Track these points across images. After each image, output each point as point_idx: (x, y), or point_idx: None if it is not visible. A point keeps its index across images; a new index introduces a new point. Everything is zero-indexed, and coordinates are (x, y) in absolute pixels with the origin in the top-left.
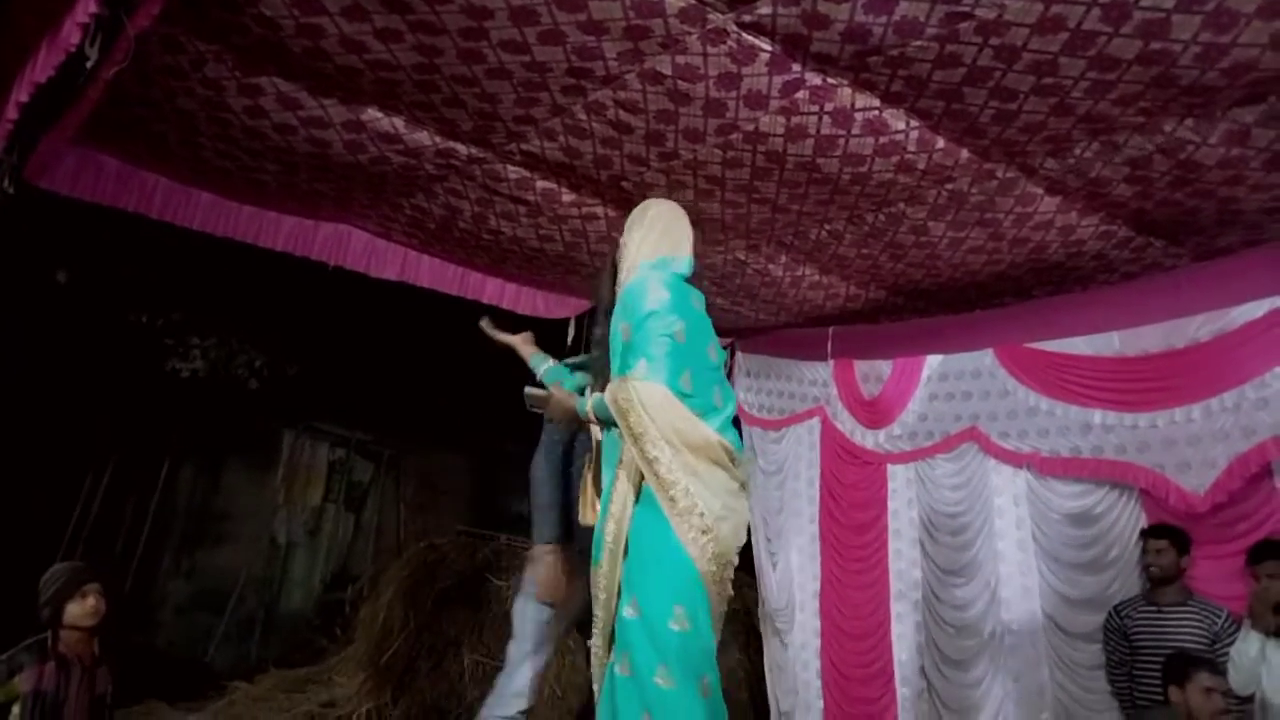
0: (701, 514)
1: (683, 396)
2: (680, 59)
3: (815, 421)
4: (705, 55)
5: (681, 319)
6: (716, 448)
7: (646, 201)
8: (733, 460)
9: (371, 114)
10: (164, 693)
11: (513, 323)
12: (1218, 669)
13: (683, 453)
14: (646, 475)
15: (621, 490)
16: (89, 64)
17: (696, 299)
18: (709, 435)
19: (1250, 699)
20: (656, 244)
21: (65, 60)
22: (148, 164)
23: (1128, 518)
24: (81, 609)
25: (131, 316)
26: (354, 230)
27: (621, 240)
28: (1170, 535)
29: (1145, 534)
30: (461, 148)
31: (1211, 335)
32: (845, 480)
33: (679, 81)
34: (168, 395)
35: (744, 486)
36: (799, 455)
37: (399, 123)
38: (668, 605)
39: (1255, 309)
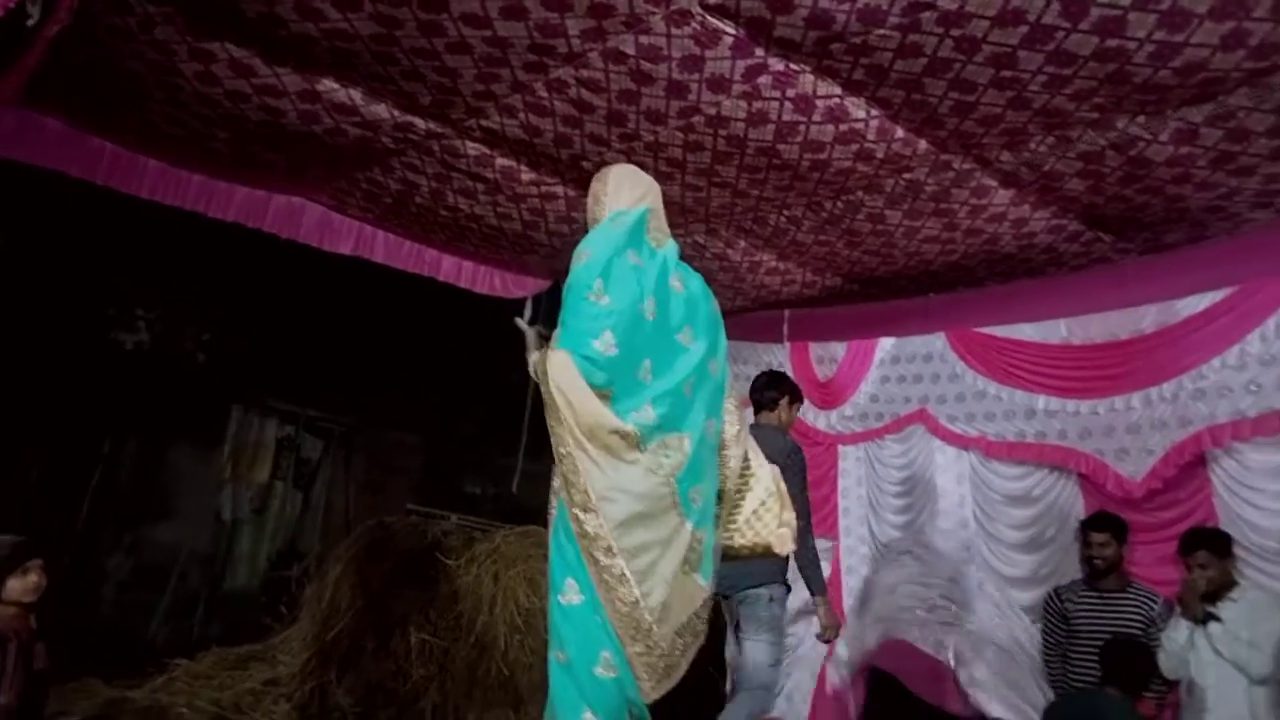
0: (585, 491)
1: (604, 365)
2: (644, 39)
3: None
4: (669, 36)
5: (600, 274)
6: (603, 432)
7: (605, 167)
8: (634, 445)
9: (327, 84)
10: (102, 670)
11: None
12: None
13: (579, 435)
14: (561, 467)
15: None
16: (30, 22)
17: (641, 253)
18: (598, 418)
19: (1177, 683)
20: (611, 202)
21: (4, 18)
22: (94, 128)
23: (1066, 499)
24: (23, 585)
25: (74, 285)
26: (308, 203)
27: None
28: (1111, 528)
29: (1086, 526)
30: (420, 122)
31: (1155, 327)
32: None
33: (642, 62)
34: (111, 367)
35: (655, 472)
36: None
37: (356, 94)
38: (560, 580)
39: (1198, 303)
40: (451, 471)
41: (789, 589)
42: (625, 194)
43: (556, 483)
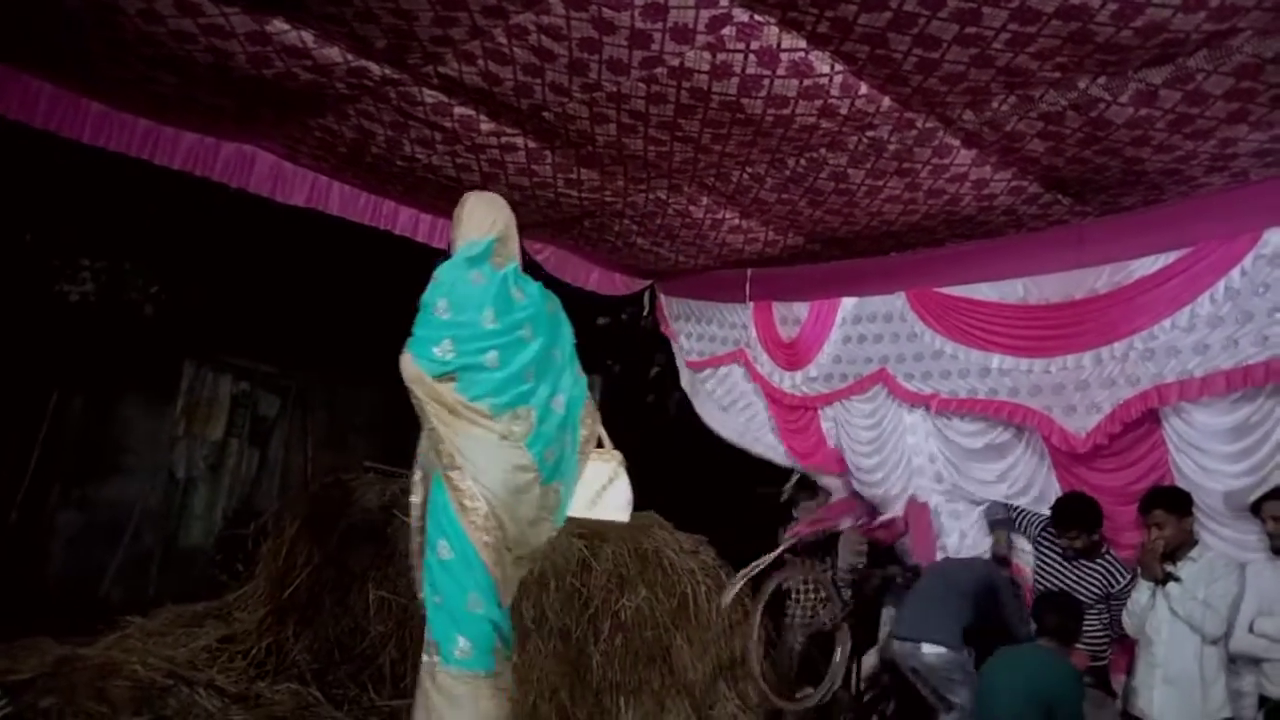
0: (451, 454)
1: (441, 363)
2: None
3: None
4: None
5: (444, 296)
6: (457, 405)
7: (467, 193)
8: (485, 415)
9: (277, 25)
10: (53, 628)
11: None
12: None
13: (440, 412)
14: (431, 440)
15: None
16: None
17: (484, 273)
18: (447, 396)
19: (1122, 638)
20: (465, 231)
21: None
22: (30, 68)
23: (1031, 453)
24: None
25: (14, 234)
26: (259, 151)
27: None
28: (1078, 523)
29: (1054, 517)
30: (375, 67)
31: (1109, 288)
32: (787, 423)
33: (604, 9)
34: (55, 319)
35: (508, 437)
36: (745, 391)
37: (307, 36)
38: (435, 540)
39: (1152, 264)
40: (411, 429)
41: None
42: (476, 223)
43: (422, 459)
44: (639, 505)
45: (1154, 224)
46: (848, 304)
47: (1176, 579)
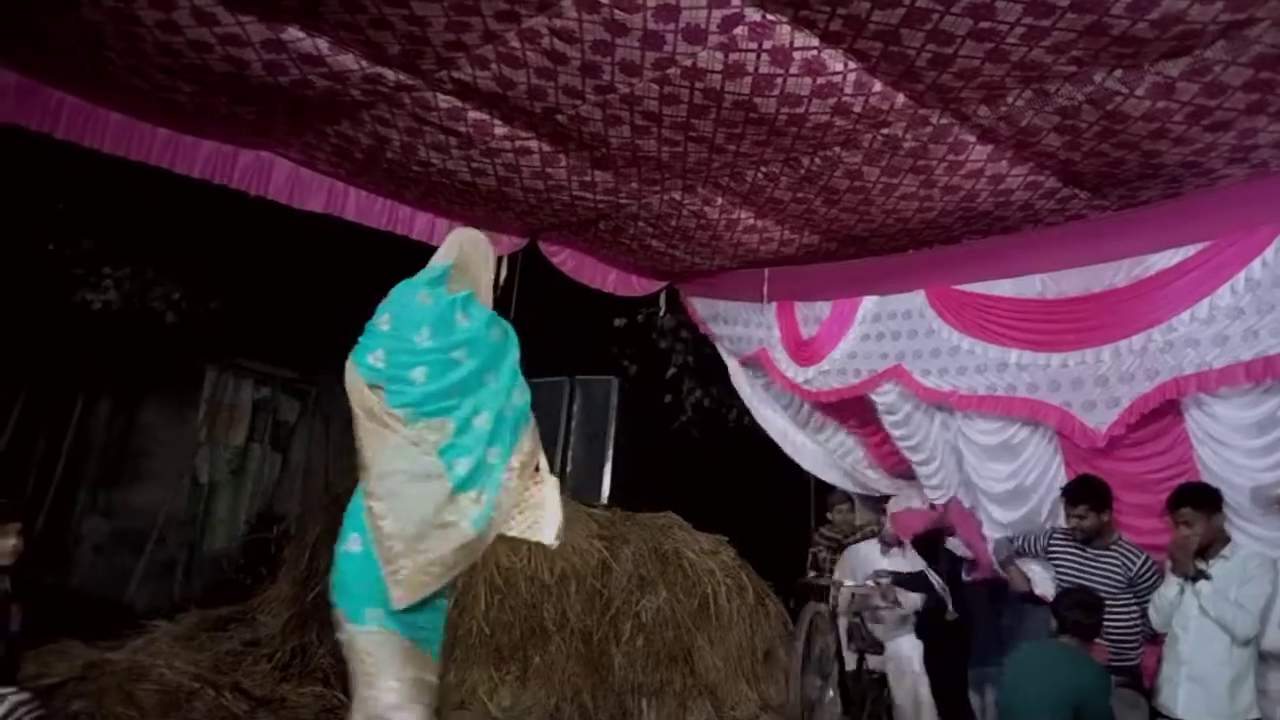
0: (364, 456)
1: (373, 370)
2: None
3: None
4: None
5: (388, 311)
6: (371, 407)
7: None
8: (400, 421)
9: (293, 33)
10: (80, 632)
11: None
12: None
13: (362, 416)
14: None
15: None
16: None
17: (432, 295)
18: (371, 402)
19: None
20: (437, 256)
21: None
22: (52, 80)
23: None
24: (1, 544)
25: (38, 243)
26: (276, 158)
27: None
28: (1087, 498)
29: (1065, 496)
30: (390, 73)
31: (1128, 281)
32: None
33: (616, 11)
34: (78, 328)
35: (418, 444)
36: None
37: (322, 44)
38: (347, 533)
39: (1171, 257)
40: None
41: None
42: (442, 251)
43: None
44: (659, 505)
45: (1174, 217)
46: (868, 303)
47: (1207, 576)
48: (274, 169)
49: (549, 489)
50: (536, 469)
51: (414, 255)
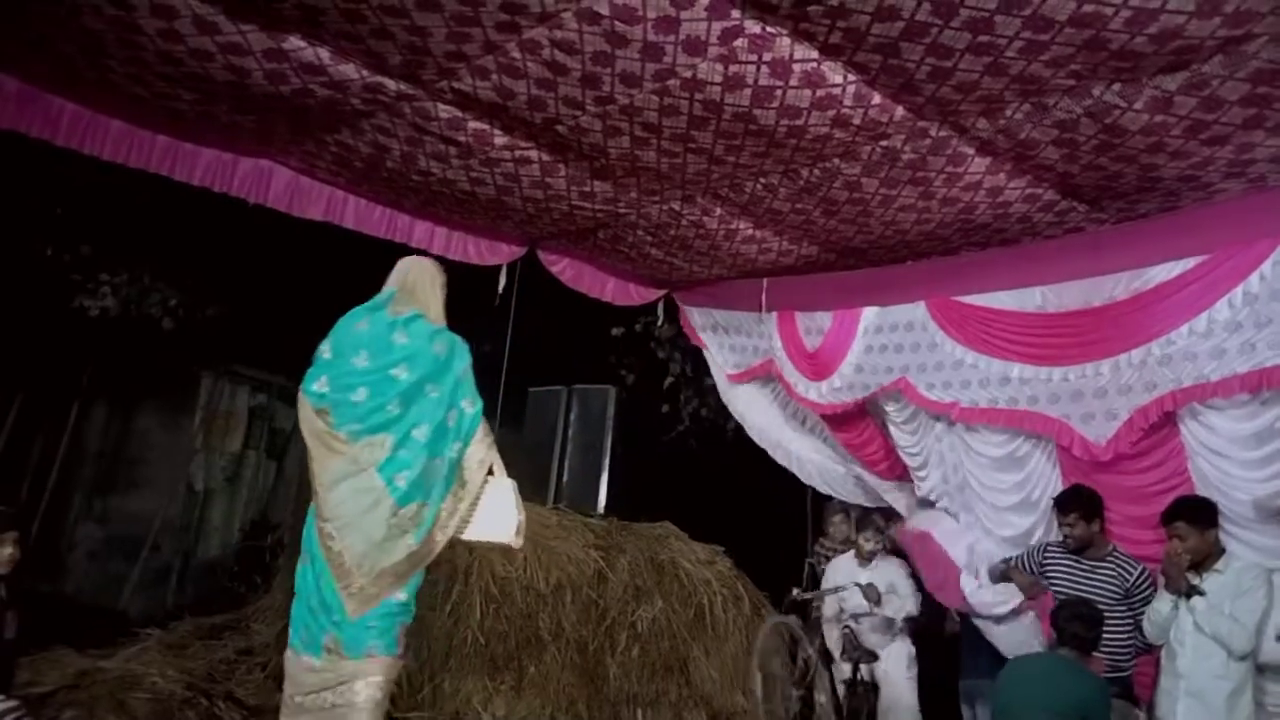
0: (314, 474)
1: (319, 396)
2: None
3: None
4: None
5: (328, 341)
6: (318, 431)
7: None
8: (342, 441)
9: (294, 43)
10: (73, 639)
11: None
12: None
13: (312, 442)
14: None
15: None
16: None
17: (371, 320)
18: (319, 427)
19: (1150, 647)
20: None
21: None
22: (52, 87)
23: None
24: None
25: (36, 249)
26: (276, 166)
27: None
28: (1077, 507)
29: (1056, 504)
30: (390, 83)
31: (1128, 294)
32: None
33: (616, 23)
34: (76, 334)
35: (357, 462)
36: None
37: (323, 54)
38: (306, 549)
39: (1170, 270)
40: None
41: None
42: (390, 279)
43: None
44: (656, 515)
45: (1172, 230)
46: (869, 313)
47: (1201, 593)
48: (273, 177)
49: (503, 491)
50: (491, 472)
51: None
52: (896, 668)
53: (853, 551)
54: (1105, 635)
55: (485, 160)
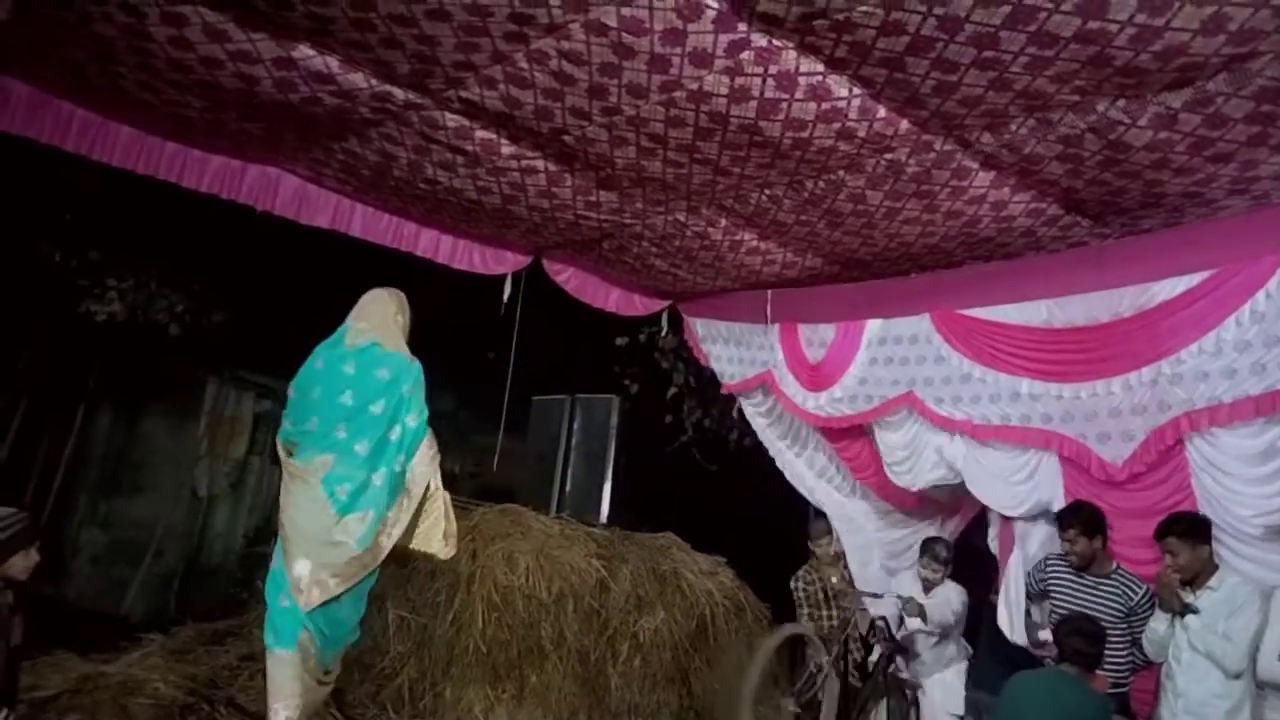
0: (284, 508)
1: (286, 433)
2: (626, 11)
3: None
4: (651, 9)
5: (293, 383)
6: (284, 464)
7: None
8: (298, 466)
9: (303, 51)
10: (75, 644)
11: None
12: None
13: (285, 477)
14: None
15: None
16: None
17: (324, 359)
18: (282, 458)
19: (1149, 664)
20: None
21: None
22: (63, 93)
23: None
24: (25, 562)
25: (44, 254)
26: (284, 174)
27: None
28: (1077, 523)
29: (1058, 521)
30: (398, 92)
31: (1134, 311)
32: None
33: (624, 34)
34: (82, 338)
35: (307, 479)
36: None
37: (332, 62)
38: (274, 552)
39: (1174, 287)
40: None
41: None
42: (352, 311)
43: None
44: (658, 525)
45: (1177, 246)
46: (874, 325)
47: (1194, 610)
48: (281, 184)
49: (441, 503)
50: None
51: (419, 274)
52: (945, 697)
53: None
54: (1105, 652)
55: (492, 169)
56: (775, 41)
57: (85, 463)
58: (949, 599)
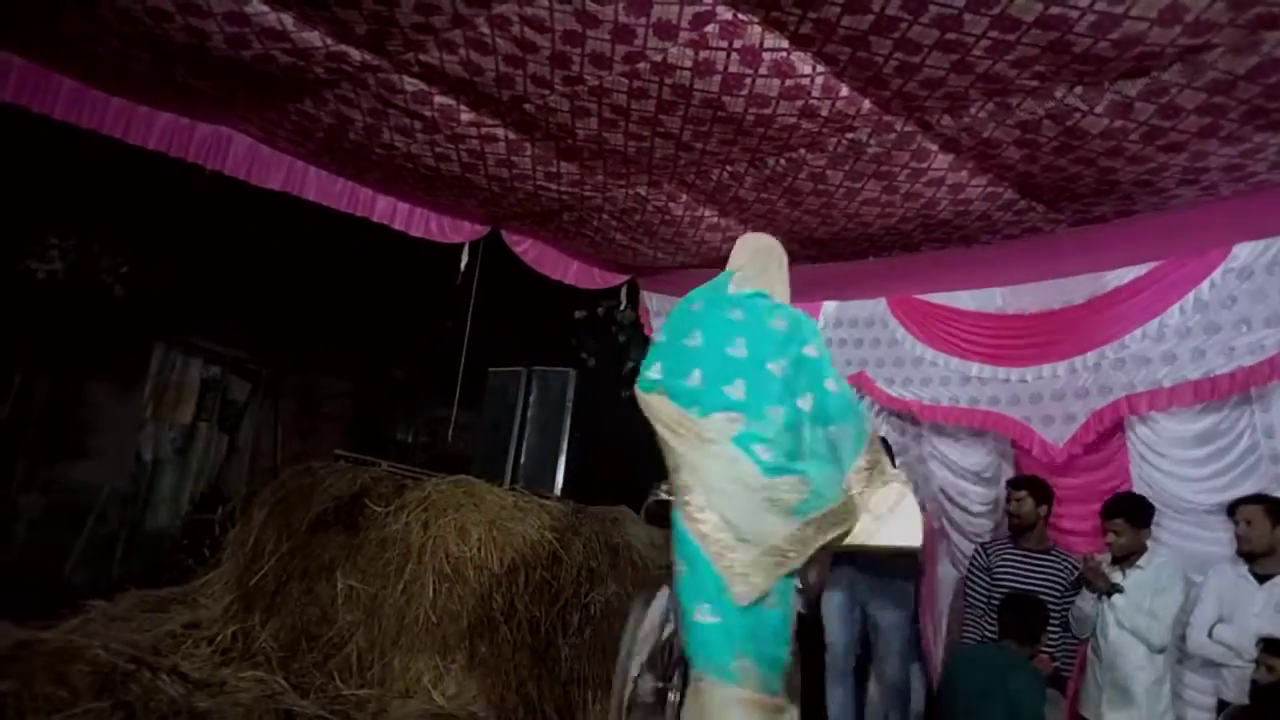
0: (671, 466)
1: (653, 383)
2: None
3: None
4: None
5: (664, 320)
6: (661, 416)
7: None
8: (682, 421)
9: (256, 6)
10: (12, 610)
11: None
12: None
13: (656, 425)
14: None
15: None
16: None
17: (707, 299)
18: (650, 405)
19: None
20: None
21: None
22: (1, 44)
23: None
24: None
25: None
26: (235, 134)
27: None
28: (1029, 486)
29: (1009, 484)
30: (355, 52)
31: (1085, 299)
32: None
33: (588, 3)
34: (21, 298)
35: (703, 439)
36: None
37: (287, 19)
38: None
39: (1125, 275)
40: (383, 419)
41: None
42: (731, 258)
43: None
44: (613, 499)
45: (1129, 236)
46: (829, 307)
47: (1120, 590)
48: (232, 144)
49: (894, 492)
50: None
51: (372, 239)
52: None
53: None
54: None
55: (450, 136)
56: (740, 15)
57: (25, 426)
58: None
